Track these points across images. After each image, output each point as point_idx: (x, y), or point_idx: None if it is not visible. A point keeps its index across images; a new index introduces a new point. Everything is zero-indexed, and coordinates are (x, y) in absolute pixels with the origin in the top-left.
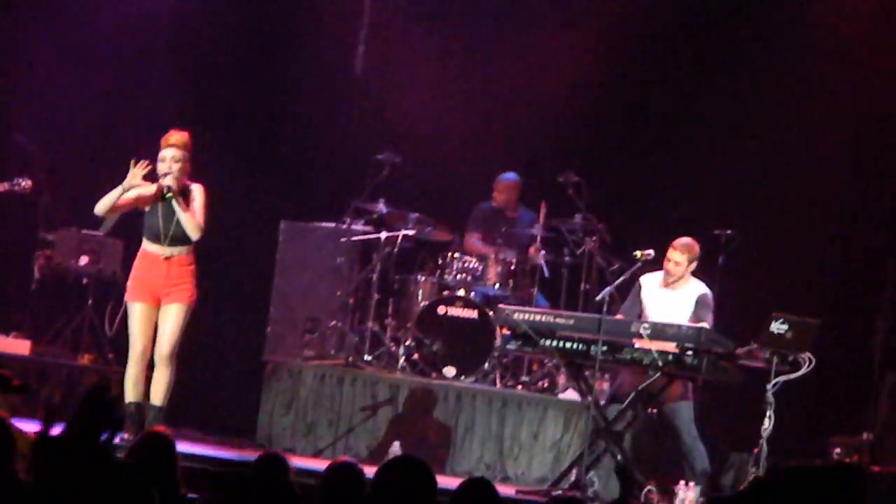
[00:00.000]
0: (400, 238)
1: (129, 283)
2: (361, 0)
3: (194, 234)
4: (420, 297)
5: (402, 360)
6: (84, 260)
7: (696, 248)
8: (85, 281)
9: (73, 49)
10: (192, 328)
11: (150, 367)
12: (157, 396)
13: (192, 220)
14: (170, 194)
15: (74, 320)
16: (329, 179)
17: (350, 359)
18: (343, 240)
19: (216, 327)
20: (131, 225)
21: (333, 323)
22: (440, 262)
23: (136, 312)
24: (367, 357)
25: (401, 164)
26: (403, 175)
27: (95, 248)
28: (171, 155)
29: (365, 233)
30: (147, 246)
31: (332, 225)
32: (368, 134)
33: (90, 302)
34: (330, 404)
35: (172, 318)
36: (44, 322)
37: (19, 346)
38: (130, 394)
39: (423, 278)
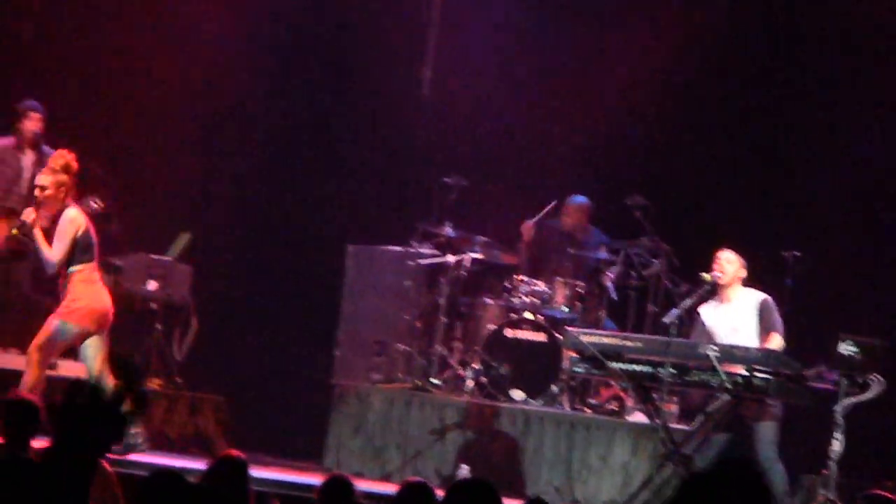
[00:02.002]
0: (467, 261)
1: None
2: (428, 24)
3: (46, 267)
4: (487, 321)
5: (469, 384)
6: (153, 285)
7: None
8: (154, 306)
9: (140, 75)
10: (260, 350)
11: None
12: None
13: (45, 251)
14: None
15: (143, 345)
16: (396, 203)
17: (418, 382)
18: (410, 263)
19: (284, 351)
20: (199, 250)
21: (401, 346)
22: (507, 285)
23: None
24: (434, 380)
25: (468, 187)
26: (471, 198)
27: (164, 273)
28: (37, 182)
29: (432, 256)
30: None
31: (400, 248)
32: (436, 157)
33: (159, 326)
34: (398, 428)
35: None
36: (113, 347)
37: None
38: None
39: (491, 301)
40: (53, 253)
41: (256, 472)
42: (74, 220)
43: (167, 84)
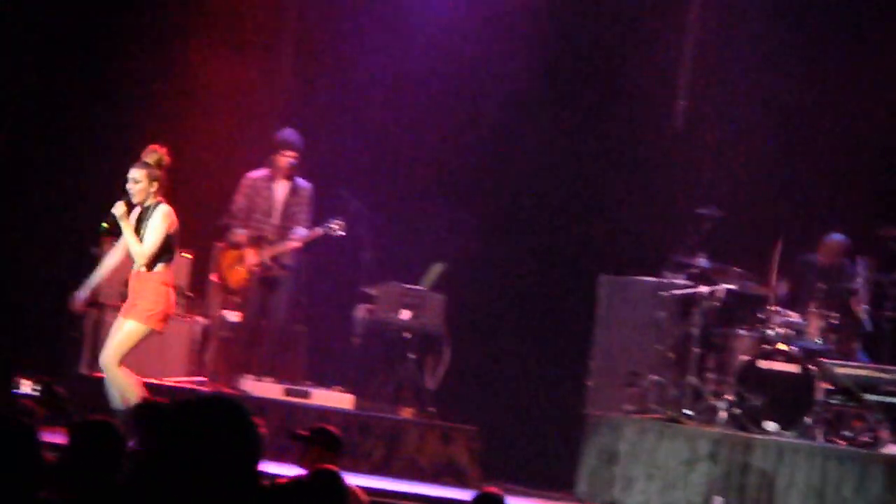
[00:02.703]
0: (721, 292)
1: None
2: (682, 56)
3: (137, 259)
4: (741, 352)
5: (722, 415)
6: (406, 314)
7: None
8: (407, 335)
9: (395, 105)
10: (513, 380)
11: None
12: (116, 402)
13: (134, 244)
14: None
15: (396, 374)
16: (650, 233)
17: (670, 413)
18: (664, 294)
19: (536, 380)
20: (452, 280)
21: (654, 377)
22: (761, 316)
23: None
24: (687, 411)
25: (722, 218)
26: (724, 229)
27: (417, 302)
28: (130, 176)
29: (686, 287)
30: None
31: (653, 279)
32: (690, 188)
33: (412, 356)
34: (650, 458)
35: (119, 331)
36: (366, 376)
37: (342, 401)
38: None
39: (744, 332)
40: (145, 246)
41: (510, 501)
42: (169, 215)
43: (420, 115)
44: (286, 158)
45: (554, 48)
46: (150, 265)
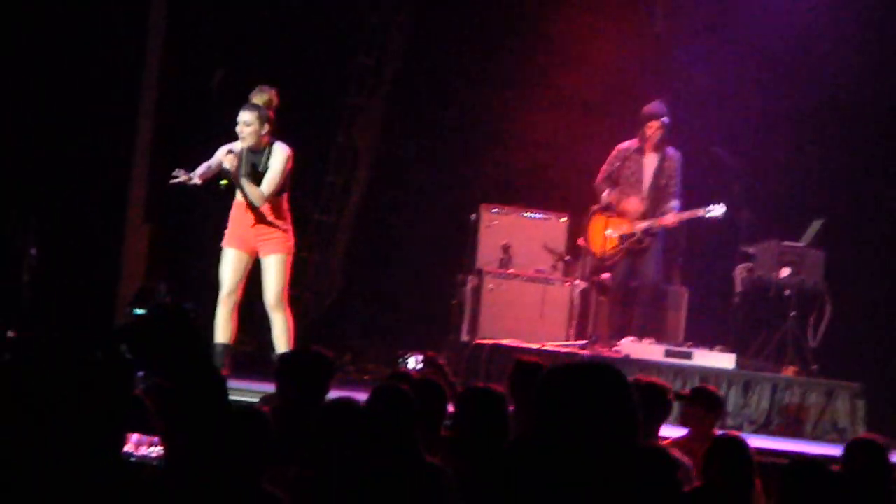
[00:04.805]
0: None
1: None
2: None
3: (256, 202)
4: None
5: None
6: (785, 272)
7: None
8: (787, 293)
9: (767, 57)
10: (893, 337)
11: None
12: (280, 345)
13: (252, 191)
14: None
15: (777, 333)
16: None
17: None
18: None
19: None
20: (832, 235)
21: None
22: None
23: (226, 257)
24: None
25: None
26: None
27: (796, 260)
28: (241, 119)
29: None
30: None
31: None
32: None
33: (792, 314)
34: None
35: (272, 270)
36: (747, 335)
37: (723, 360)
38: (218, 334)
39: None
40: (265, 189)
41: None
42: (286, 153)
43: (794, 68)
44: (652, 130)
45: None
46: (273, 199)
